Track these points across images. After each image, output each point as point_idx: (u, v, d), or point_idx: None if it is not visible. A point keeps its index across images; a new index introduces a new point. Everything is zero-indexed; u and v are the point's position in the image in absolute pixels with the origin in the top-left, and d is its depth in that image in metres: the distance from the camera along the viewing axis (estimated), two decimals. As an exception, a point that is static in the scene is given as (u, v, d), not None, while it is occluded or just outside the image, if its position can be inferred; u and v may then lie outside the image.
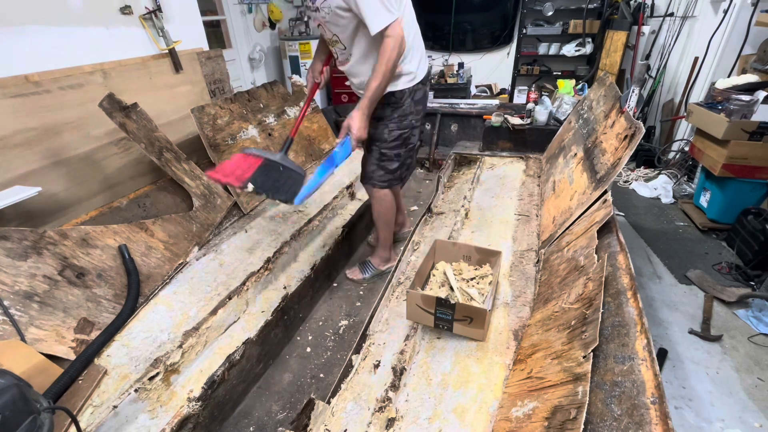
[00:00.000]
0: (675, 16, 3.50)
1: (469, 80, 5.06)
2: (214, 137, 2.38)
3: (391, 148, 1.78)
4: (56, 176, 1.93)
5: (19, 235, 1.49)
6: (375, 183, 1.86)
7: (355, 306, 2.01)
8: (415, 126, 1.79)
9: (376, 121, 1.75)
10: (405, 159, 1.84)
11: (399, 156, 1.80)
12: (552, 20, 4.51)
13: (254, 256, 2.01)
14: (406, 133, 1.76)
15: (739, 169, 2.33)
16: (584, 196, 1.79)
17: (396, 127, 1.74)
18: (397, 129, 1.74)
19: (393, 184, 1.87)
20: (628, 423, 0.85)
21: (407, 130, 1.76)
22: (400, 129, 1.74)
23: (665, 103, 3.59)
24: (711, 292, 2.02)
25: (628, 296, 1.16)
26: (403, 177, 1.94)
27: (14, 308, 1.39)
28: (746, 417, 1.45)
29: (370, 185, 1.89)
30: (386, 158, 1.80)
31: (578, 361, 1.02)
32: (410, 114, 1.74)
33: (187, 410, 1.22)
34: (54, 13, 1.96)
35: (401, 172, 1.88)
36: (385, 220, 1.99)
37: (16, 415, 0.85)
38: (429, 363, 1.38)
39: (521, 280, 1.72)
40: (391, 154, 1.79)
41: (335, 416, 1.20)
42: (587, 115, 2.54)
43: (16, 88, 1.78)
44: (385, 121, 1.74)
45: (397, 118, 1.72)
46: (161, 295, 1.75)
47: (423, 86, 1.75)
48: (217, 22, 4.41)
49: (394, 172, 1.84)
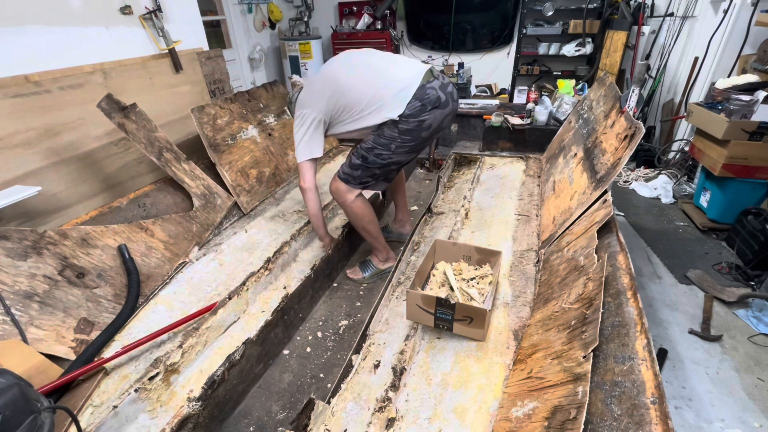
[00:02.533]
0: (675, 16, 3.50)
1: (469, 80, 5.06)
2: (214, 137, 2.38)
3: (363, 149, 1.78)
4: (56, 176, 1.93)
5: (19, 235, 1.49)
6: (339, 172, 1.87)
7: (355, 306, 2.01)
8: (395, 151, 1.76)
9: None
10: (372, 170, 1.82)
11: (366, 160, 1.79)
12: (552, 20, 4.51)
13: (254, 256, 2.01)
14: (379, 150, 1.75)
15: (739, 169, 2.33)
16: (584, 196, 1.79)
17: (373, 139, 1.75)
18: (373, 141, 1.75)
19: (350, 183, 1.83)
20: (628, 423, 0.85)
21: (382, 149, 1.75)
22: (376, 142, 1.75)
23: (665, 103, 3.59)
24: (711, 292, 2.02)
25: (628, 296, 1.16)
26: (366, 183, 1.86)
27: (14, 308, 1.39)
28: (746, 417, 1.44)
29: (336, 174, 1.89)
30: (355, 154, 1.81)
31: (578, 361, 1.02)
32: (392, 140, 1.73)
33: (187, 410, 1.22)
34: (54, 13, 1.96)
35: (364, 177, 1.83)
36: (361, 226, 1.98)
37: (16, 415, 0.85)
38: (429, 363, 1.38)
39: (521, 280, 1.72)
40: (360, 153, 1.79)
41: (335, 416, 1.20)
42: (587, 115, 2.54)
43: (16, 88, 1.78)
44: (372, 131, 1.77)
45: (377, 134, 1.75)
46: (161, 295, 1.75)
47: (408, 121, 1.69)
48: (217, 22, 4.41)
49: (355, 170, 1.81)
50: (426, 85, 1.68)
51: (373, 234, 2.01)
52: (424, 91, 1.68)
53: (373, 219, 1.98)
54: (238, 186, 2.39)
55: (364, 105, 1.71)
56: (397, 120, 1.69)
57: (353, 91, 1.72)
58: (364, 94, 1.71)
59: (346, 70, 1.77)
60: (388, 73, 1.73)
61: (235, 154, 2.47)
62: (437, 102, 1.70)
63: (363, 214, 1.92)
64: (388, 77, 1.71)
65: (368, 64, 1.78)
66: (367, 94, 1.70)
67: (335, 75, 1.76)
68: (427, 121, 1.71)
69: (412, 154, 1.87)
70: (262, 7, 4.81)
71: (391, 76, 1.71)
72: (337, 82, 1.73)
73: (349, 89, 1.72)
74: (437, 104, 1.70)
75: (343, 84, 1.73)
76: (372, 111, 1.72)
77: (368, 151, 1.77)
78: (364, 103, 1.71)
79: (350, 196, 1.85)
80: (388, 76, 1.71)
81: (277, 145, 2.80)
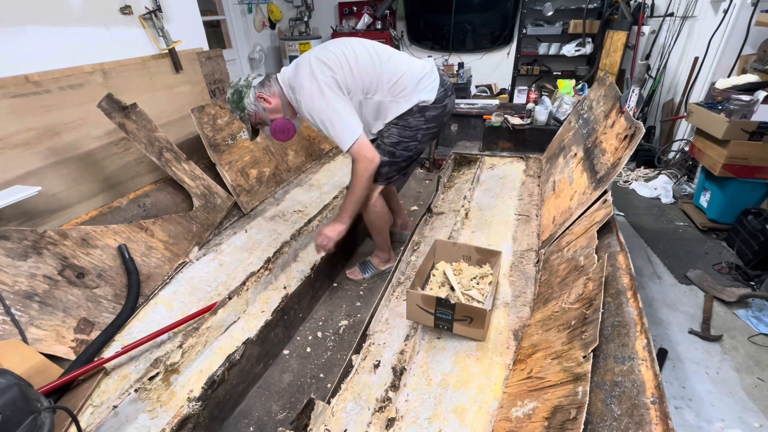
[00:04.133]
0: (675, 16, 3.50)
1: (469, 80, 5.06)
2: (214, 137, 2.38)
3: (388, 145, 1.76)
4: (56, 176, 1.93)
5: (19, 235, 1.49)
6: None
7: (355, 306, 2.01)
8: (421, 140, 1.77)
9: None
10: (399, 164, 1.81)
11: (393, 155, 1.76)
12: (552, 20, 4.51)
13: (254, 256, 2.01)
14: (406, 142, 1.75)
15: (739, 169, 2.33)
16: (584, 196, 1.79)
17: (398, 132, 1.73)
18: (398, 135, 1.73)
19: (377, 180, 1.81)
20: (628, 423, 0.85)
21: (409, 140, 1.75)
22: (402, 136, 1.73)
23: (665, 103, 3.59)
24: (711, 292, 2.02)
25: (628, 296, 1.16)
26: (391, 179, 1.86)
27: (14, 308, 1.39)
28: (746, 417, 1.45)
29: None
30: (380, 151, 1.75)
31: (578, 361, 1.02)
32: (418, 130, 1.73)
33: (187, 410, 1.22)
34: (54, 13, 1.96)
35: (391, 173, 1.83)
36: (378, 227, 1.98)
37: (16, 415, 0.85)
38: (429, 363, 1.38)
39: (521, 280, 1.72)
40: (386, 150, 1.76)
41: (335, 416, 1.20)
42: (587, 115, 2.54)
43: (16, 88, 1.78)
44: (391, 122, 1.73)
45: (400, 127, 1.72)
46: (161, 295, 1.75)
47: (436, 106, 1.71)
48: (217, 22, 4.41)
49: (382, 167, 1.75)
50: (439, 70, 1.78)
51: (385, 234, 2.03)
52: (441, 77, 1.76)
53: (389, 219, 2.02)
54: (238, 186, 2.39)
55: (393, 85, 1.62)
56: (426, 106, 1.69)
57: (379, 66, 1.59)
58: (391, 72, 1.61)
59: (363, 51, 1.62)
60: (403, 58, 1.70)
61: (235, 154, 2.47)
62: (452, 88, 1.82)
63: (383, 213, 1.94)
64: (407, 61, 1.69)
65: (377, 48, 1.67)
66: (396, 74, 1.62)
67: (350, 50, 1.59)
68: (449, 106, 1.79)
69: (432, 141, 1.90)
70: (262, 7, 4.82)
71: (408, 61, 1.70)
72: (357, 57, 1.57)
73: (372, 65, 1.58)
74: (452, 90, 1.82)
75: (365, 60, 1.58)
76: (403, 95, 1.63)
77: (395, 146, 1.74)
78: (393, 83, 1.62)
79: (374, 195, 1.84)
80: (406, 60, 1.69)
81: (276, 145, 2.80)
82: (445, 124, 1.85)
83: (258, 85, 1.60)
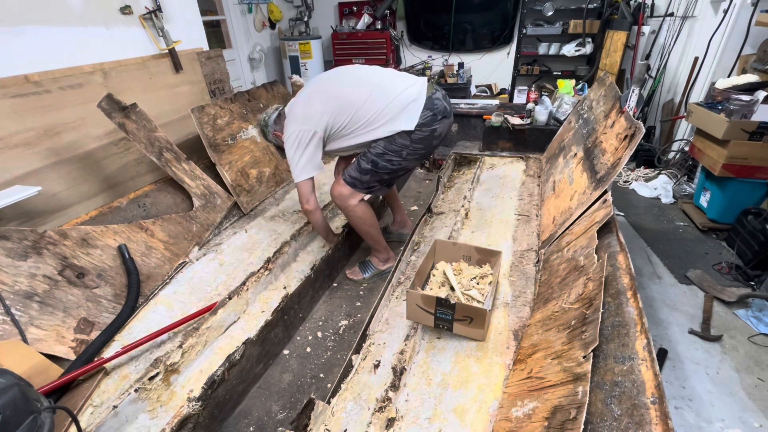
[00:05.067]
0: (675, 16, 3.50)
1: (469, 80, 5.06)
2: (214, 137, 2.38)
3: (373, 154, 1.77)
4: (56, 176, 1.93)
5: (19, 235, 1.49)
6: (345, 176, 1.84)
7: (355, 306, 2.01)
8: (406, 158, 1.77)
9: None
10: (381, 175, 1.82)
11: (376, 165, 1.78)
12: (552, 20, 4.51)
13: (254, 256, 2.01)
14: (390, 155, 1.75)
15: (739, 169, 2.33)
16: (584, 196, 1.79)
17: (384, 144, 1.74)
18: (384, 146, 1.75)
19: (357, 187, 1.82)
20: (628, 423, 0.85)
21: (393, 155, 1.75)
22: (387, 148, 1.75)
23: (665, 103, 3.59)
24: (711, 292, 2.02)
25: (628, 296, 1.16)
26: (372, 188, 1.87)
27: (14, 308, 1.39)
28: (746, 417, 1.44)
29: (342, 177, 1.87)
30: (364, 159, 1.79)
31: (578, 361, 1.02)
32: (404, 148, 1.74)
33: (187, 410, 1.22)
34: (54, 13, 1.96)
35: (371, 182, 1.83)
36: (363, 230, 1.98)
37: (16, 415, 0.85)
38: (429, 363, 1.38)
39: (521, 280, 1.72)
40: (370, 158, 1.77)
41: (335, 416, 1.20)
42: (587, 115, 2.54)
43: (16, 88, 1.78)
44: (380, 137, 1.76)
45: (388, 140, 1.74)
46: (161, 295, 1.75)
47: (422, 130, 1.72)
48: (217, 22, 4.41)
49: (363, 174, 1.79)
50: (432, 96, 1.74)
51: (374, 236, 2.02)
52: (432, 101, 1.73)
53: (375, 222, 1.98)
54: (238, 186, 2.39)
55: (373, 118, 1.70)
56: (411, 130, 1.70)
57: (360, 105, 1.70)
58: (372, 107, 1.70)
59: (349, 83, 1.75)
60: (393, 85, 1.73)
61: (235, 154, 2.47)
62: (445, 112, 1.78)
63: (366, 217, 1.92)
64: (394, 90, 1.71)
65: (370, 77, 1.76)
66: (376, 108, 1.70)
67: (337, 89, 1.74)
68: (438, 130, 1.77)
69: (420, 161, 1.89)
70: (262, 7, 4.81)
71: (396, 89, 1.72)
72: (341, 97, 1.71)
73: (354, 102, 1.70)
74: (445, 114, 1.78)
75: (348, 98, 1.70)
76: (382, 124, 1.71)
77: (379, 156, 1.76)
78: (373, 117, 1.70)
79: (353, 200, 1.85)
80: (393, 89, 1.72)
81: (277, 145, 2.80)
82: (435, 147, 1.84)
83: (272, 123, 1.88)
